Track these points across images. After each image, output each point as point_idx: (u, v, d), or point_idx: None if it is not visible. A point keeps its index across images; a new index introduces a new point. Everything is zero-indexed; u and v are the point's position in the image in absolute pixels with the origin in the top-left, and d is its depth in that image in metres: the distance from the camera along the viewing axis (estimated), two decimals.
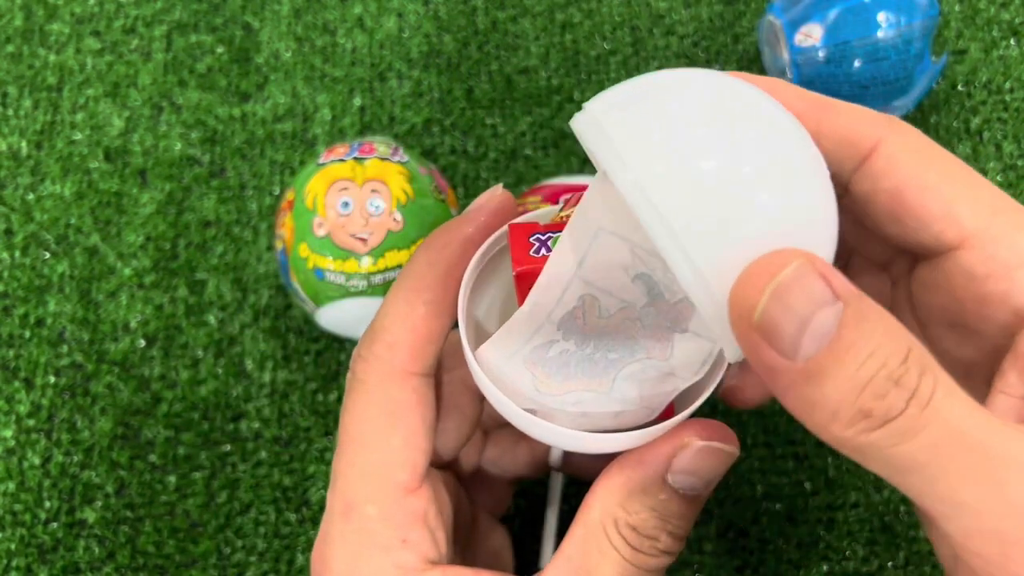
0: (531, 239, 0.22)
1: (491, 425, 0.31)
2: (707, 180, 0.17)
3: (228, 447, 0.38)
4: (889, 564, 0.35)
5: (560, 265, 0.21)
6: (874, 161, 0.21)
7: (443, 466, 0.27)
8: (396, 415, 0.23)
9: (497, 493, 0.32)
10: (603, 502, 0.22)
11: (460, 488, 0.28)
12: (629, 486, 0.22)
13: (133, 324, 0.40)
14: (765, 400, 0.26)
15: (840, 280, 0.17)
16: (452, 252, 0.24)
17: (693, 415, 0.23)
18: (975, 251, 0.21)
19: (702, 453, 0.22)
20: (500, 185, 0.25)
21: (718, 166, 0.18)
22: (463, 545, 0.28)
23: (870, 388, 0.17)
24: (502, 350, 0.23)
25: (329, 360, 0.39)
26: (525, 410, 0.22)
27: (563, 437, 0.22)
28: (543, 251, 0.22)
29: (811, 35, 0.36)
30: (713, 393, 0.23)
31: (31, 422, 0.38)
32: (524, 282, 0.22)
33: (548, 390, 0.23)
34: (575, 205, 0.22)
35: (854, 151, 0.21)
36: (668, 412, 0.23)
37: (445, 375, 0.26)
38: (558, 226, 0.23)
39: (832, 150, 0.21)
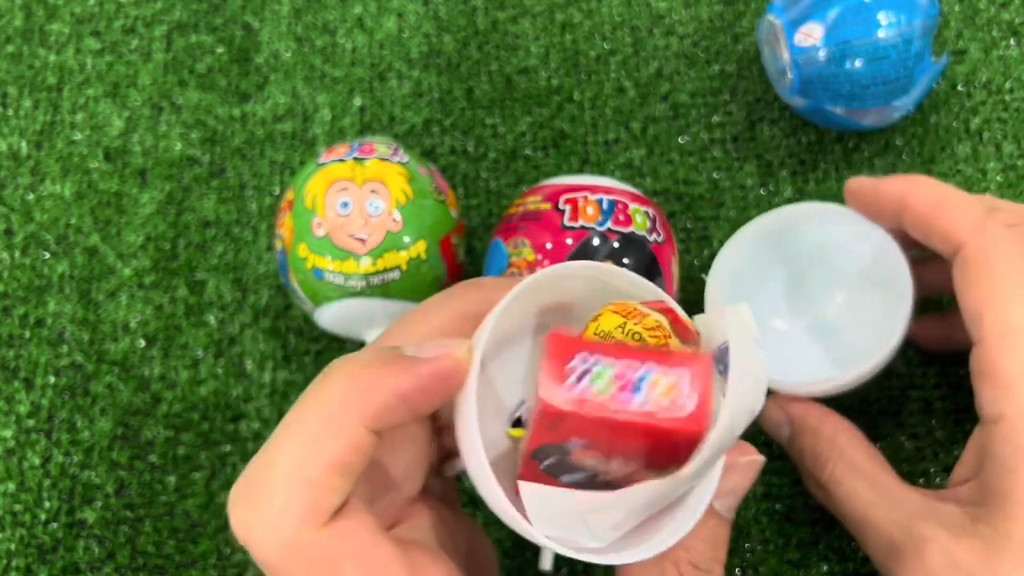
0: (572, 362, 0.18)
1: None
2: None
3: (228, 447, 0.38)
4: None
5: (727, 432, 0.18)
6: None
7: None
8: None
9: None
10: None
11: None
12: None
13: (133, 324, 0.40)
14: (950, 347, 0.34)
15: None
16: (375, 399, 0.20)
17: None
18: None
19: (744, 470, 0.23)
20: (466, 346, 0.21)
21: None
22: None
23: None
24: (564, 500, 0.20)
25: (329, 360, 0.39)
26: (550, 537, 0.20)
27: (613, 559, 0.21)
28: (581, 384, 0.18)
29: (811, 35, 0.36)
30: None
31: (31, 422, 0.38)
32: (547, 418, 0.18)
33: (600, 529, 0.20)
34: (662, 316, 0.19)
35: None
36: None
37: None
38: (615, 349, 0.18)
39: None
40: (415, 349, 0.21)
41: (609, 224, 0.33)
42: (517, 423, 0.23)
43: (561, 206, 0.33)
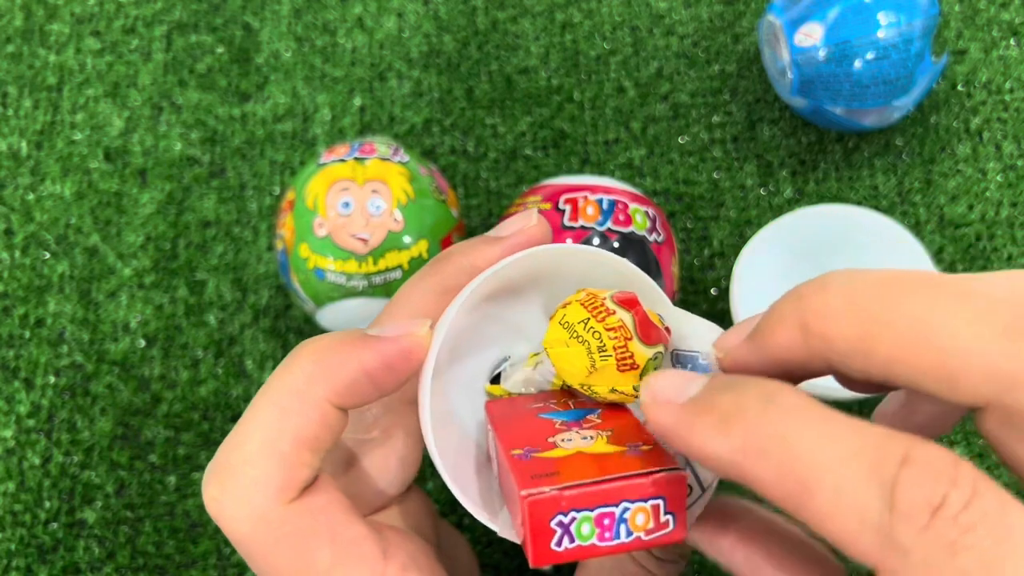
0: (553, 523, 0.18)
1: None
2: None
3: None
4: None
5: None
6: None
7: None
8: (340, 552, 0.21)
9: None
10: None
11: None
12: None
13: (133, 324, 0.40)
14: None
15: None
16: (342, 375, 0.21)
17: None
18: None
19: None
20: (428, 324, 0.22)
21: None
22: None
23: None
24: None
25: None
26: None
27: None
28: (567, 540, 0.18)
29: (811, 35, 0.36)
30: None
31: (31, 422, 0.38)
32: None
33: None
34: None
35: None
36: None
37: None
38: (588, 495, 0.18)
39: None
40: (378, 329, 0.21)
41: (609, 224, 0.33)
42: (496, 379, 0.24)
43: (561, 206, 0.33)
